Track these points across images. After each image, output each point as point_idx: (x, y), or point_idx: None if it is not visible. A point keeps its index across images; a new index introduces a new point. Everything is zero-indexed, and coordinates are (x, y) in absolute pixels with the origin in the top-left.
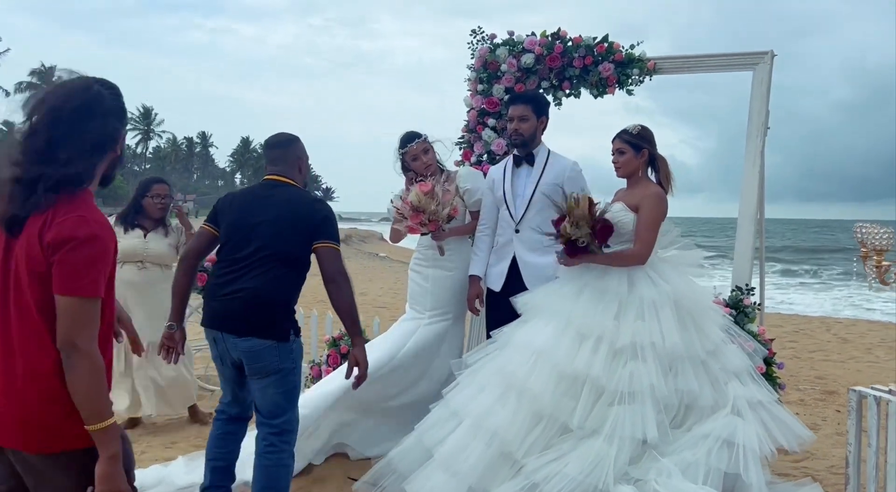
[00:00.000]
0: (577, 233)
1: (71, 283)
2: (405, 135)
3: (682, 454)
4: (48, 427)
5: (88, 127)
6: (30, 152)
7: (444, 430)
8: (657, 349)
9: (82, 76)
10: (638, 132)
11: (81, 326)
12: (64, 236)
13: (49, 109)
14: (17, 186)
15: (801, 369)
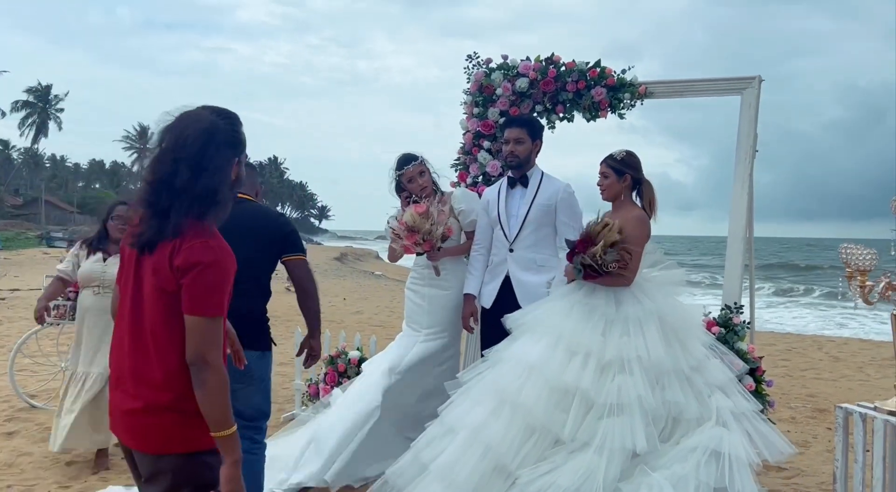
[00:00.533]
0: (608, 259)
1: (199, 304)
2: (401, 157)
3: (673, 468)
4: (164, 431)
5: (208, 157)
6: (158, 181)
7: (440, 446)
8: (643, 363)
9: (201, 108)
10: (622, 158)
11: (209, 342)
12: (192, 261)
13: (173, 141)
14: (151, 213)
15: (793, 387)
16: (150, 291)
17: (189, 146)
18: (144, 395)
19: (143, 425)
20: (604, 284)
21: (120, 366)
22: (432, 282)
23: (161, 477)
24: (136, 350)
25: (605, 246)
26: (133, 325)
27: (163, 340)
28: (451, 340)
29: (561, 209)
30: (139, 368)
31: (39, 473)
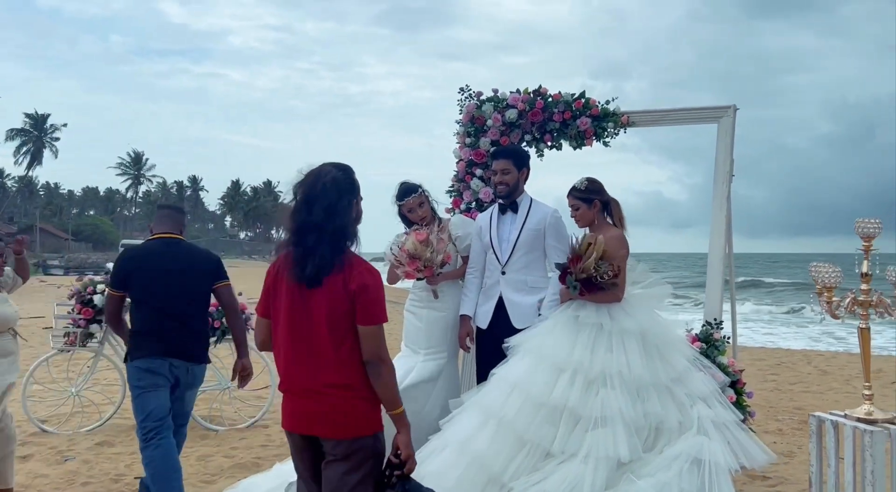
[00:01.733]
0: (602, 269)
1: (372, 316)
2: (401, 188)
3: (657, 476)
4: (358, 420)
5: (338, 203)
6: (302, 226)
7: (431, 459)
8: (624, 378)
9: (323, 164)
10: (585, 187)
11: (381, 343)
12: (363, 284)
13: (307, 192)
14: (304, 253)
15: (781, 400)
16: (322, 313)
17: (322, 195)
18: (337, 394)
19: (340, 417)
20: (598, 300)
21: (304, 378)
22: (430, 304)
23: (354, 455)
24: (318, 363)
25: (597, 259)
26: (309, 342)
27: (342, 350)
28: (448, 360)
29: (549, 233)
30: (326, 376)
31: None
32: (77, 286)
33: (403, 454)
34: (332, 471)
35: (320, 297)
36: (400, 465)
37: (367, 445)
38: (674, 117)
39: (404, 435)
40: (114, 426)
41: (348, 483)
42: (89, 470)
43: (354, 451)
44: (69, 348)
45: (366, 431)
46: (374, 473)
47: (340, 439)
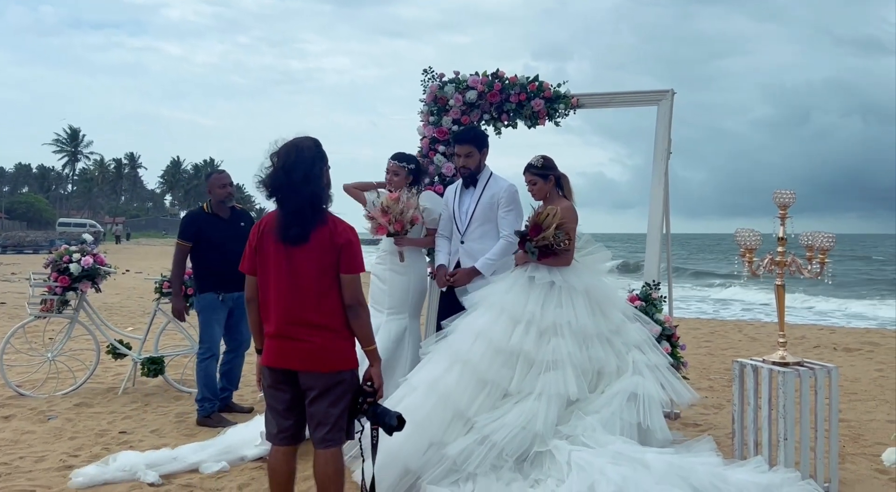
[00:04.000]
0: (558, 239)
1: (354, 266)
2: (398, 152)
3: (601, 412)
4: (340, 355)
5: (312, 170)
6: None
7: (407, 402)
8: (572, 328)
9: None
10: (541, 164)
11: (359, 290)
12: (349, 239)
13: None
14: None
15: (713, 363)
16: (308, 266)
17: (297, 163)
18: (321, 334)
19: (324, 354)
20: (553, 264)
21: (290, 320)
22: (393, 268)
23: (335, 389)
24: (305, 307)
25: (556, 228)
26: (296, 292)
27: (327, 296)
28: (410, 320)
29: (500, 205)
30: (312, 318)
31: (46, 447)
32: (53, 255)
33: (375, 383)
34: (316, 406)
35: (307, 252)
36: (372, 393)
37: (346, 379)
38: (619, 100)
39: (376, 368)
40: (89, 389)
41: (332, 415)
42: (73, 427)
43: (335, 384)
44: (45, 315)
45: (344, 366)
46: (349, 403)
47: (322, 372)
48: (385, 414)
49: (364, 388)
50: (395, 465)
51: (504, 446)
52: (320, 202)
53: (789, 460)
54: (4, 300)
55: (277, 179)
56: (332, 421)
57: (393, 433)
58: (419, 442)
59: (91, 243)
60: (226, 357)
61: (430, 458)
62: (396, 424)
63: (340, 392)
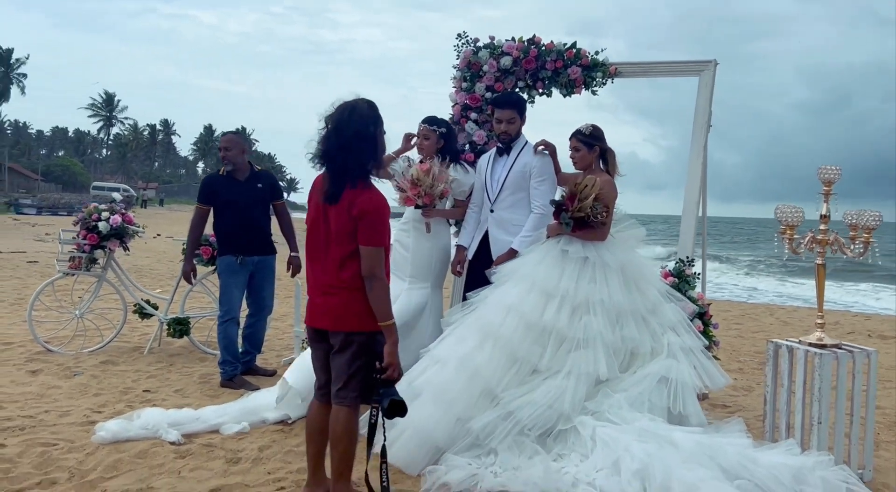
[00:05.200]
0: (595, 211)
1: (371, 239)
2: (430, 116)
3: (629, 391)
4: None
5: (366, 130)
6: (333, 151)
7: (429, 374)
8: (605, 305)
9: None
10: (590, 132)
11: (377, 263)
12: (364, 209)
13: (336, 121)
14: (332, 175)
15: (744, 345)
16: (335, 229)
17: (350, 122)
18: (341, 294)
19: (341, 313)
20: (586, 237)
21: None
22: (417, 236)
23: (350, 347)
24: (330, 266)
25: (594, 199)
26: (328, 252)
27: (347, 260)
28: (432, 290)
29: (533, 174)
30: (334, 278)
31: (71, 402)
32: (83, 213)
33: (386, 362)
34: (336, 361)
35: (334, 212)
36: (383, 370)
37: (362, 341)
38: (659, 70)
39: (390, 345)
40: (115, 348)
41: (346, 372)
42: (98, 383)
43: (350, 343)
44: (73, 272)
45: (360, 327)
46: (365, 369)
47: (338, 331)
48: (387, 394)
49: (376, 364)
50: (428, 445)
51: (528, 423)
52: (367, 164)
53: (822, 445)
54: (37, 259)
55: (328, 139)
56: (344, 380)
57: (391, 417)
58: (450, 421)
59: (119, 202)
60: (248, 321)
61: (457, 433)
62: (388, 408)
63: (354, 352)
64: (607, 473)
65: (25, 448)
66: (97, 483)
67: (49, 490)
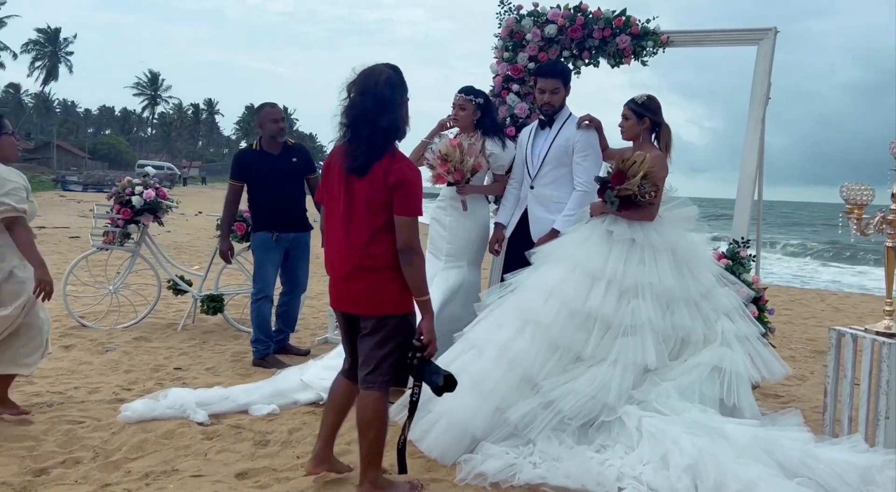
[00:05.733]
0: (644, 190)
1: (408, 208)
2: (464, 85)
3: (678, 380)
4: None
5: (391, 98)
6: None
7: (464, 360)
8: (655, 290)
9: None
10: (643, 102)
11: (414, 234)
12: (401, 179)
13: (362, 89)
14: (356, 144)
15: (794, 332)
16: (362, 201)
17: (375, 90)
18: (370, 276)
19: (371, 296)
20: (633, 217)
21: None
22: (454, 214)
23: (381, 331)
24: (355, 248)
25: (642, 177)
26: (353, 227)
27: (381, 236)
28: (469, 270)
29: (576, 149)
30: (360, 260)
31: (101, 378)
32: (116, 187)
33: (425, 338)
34: (364, 344)
35: (363, 185)
36: (422, 348)
37: (393, 323)
38: (714, 38)
39: (428, 321)
40: (149, 324)
41: (376, 356)
42: (130, 360)
43: (381, 327)
44: (107, 247)
45: (392, 310)
46: (398, 351)
47: (369, 315)
48: (433, 372)
49: (413, 342)
50: (466, 437)
51: (569, 414)
52: (394, 134)
53: (889, 441)
54: (79, 235)
55: (353, 107)
56: (375, 363)
57: (442, 393)
58: (488, 412)
59: (153, 177)
60: (282, 299)
61: (495, 423)
62: (443, 383)
63: (386, 335)
64: (655, 467)
65: (52, 426)
66: (121, 464)
67: (73, 470)
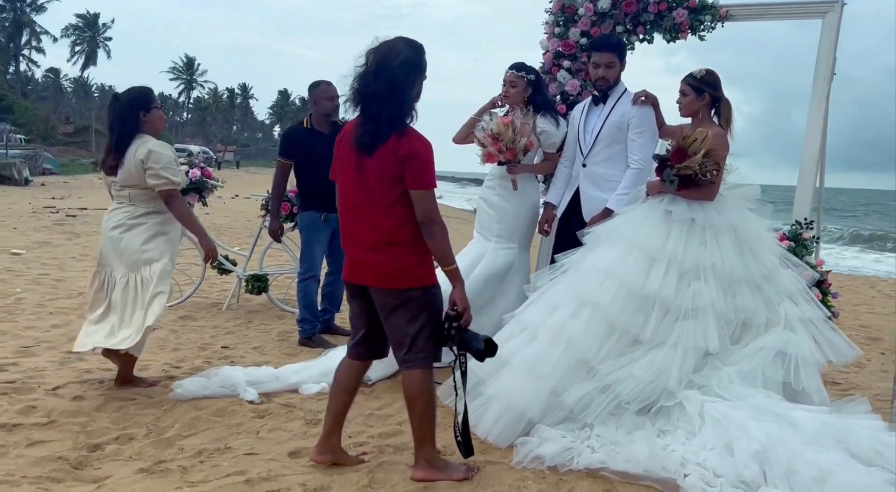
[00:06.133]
0: (705, 168)
1: (422, 181)
2: (515, 62)
3: (741, 365)
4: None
5: (405, 80)
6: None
7: (517, 342)
8: (717, 271)
9: (396, 39)
10: (702, 77)
11: (432, 206)
12: (413, 151)
13: (376, 64)
14: (365, 120)
15: (846, 318)
16: (377, 175)
17: (390, 70)
18: (388, 250)
19: (391, 270)
20: (692, 197)
21: (366, 235)
22: (503, 193)
23: (406, 306)
24: (370, 223)
25: (704, 155)
26: (369, 204)
27: (392, 211)
28: (519, 251)
29: (631, 126)
30: (377, 235)
31: (150, 356)
32: None
33: (460, 307)
34: (391, 322)
35: (373, 162)
36: (457, 317)
37: (417, 296)
38: (776, 12)
39: (459, 290)
40: (194, 303)
41: (408, 333)
42: (177, 338)
43: (405, 301)
44: None
45: (414, 283)
46: (431, 324)
47: (388, 289)
48: (473, 338)
49: (448, 312)
50: (522, 422)
51: (627, 399)
52: (403, 115)
53: None
54: None
55: (366, 83)
56: (409, 342)
57: (484, 359)
58: (544, 395)
59: (198, 155)
60: (328, 279)
61: (550, 406)
62: (484, 348)
63: (414, 310)
64: (719, 453)
65: (104, 402)
66: (174, 440)
67: (126, 445)
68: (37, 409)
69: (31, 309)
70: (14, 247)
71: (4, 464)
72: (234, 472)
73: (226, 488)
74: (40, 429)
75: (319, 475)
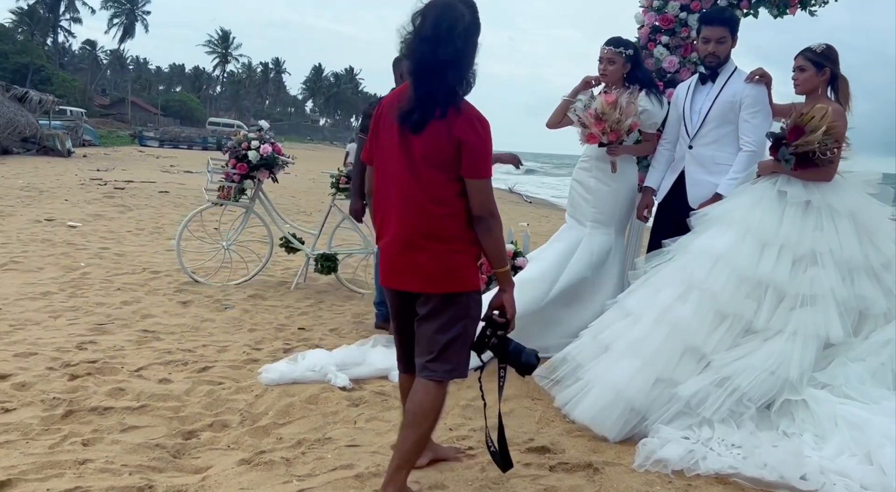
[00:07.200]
0: (826, 146)
1: (478, 169)
2: (612, 37)
3: (868, 361)
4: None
5: (466, 47)
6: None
7: (618, 327)
8: (835, 257)
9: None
10: (822, 51)
11: (491, 198)
12: (465, 134)
13: (431, 28)
14: (417, 95)
15: None
16: (424, 154)
17: (449, 35)
18: (435, 246)
19: (435, 270)
20: (808, 177)
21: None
22: (599, 176)
23: (445, 313)
24: (415, 213)
25: (825, 133)
26: (412, 186)
27: (446, 199)
28: (616, 236)
29: (744, 105)
30: (423, 227)
31: (227, 337)
32: (233, 142)
33: (508, 313)
34: (423, 329)
35: (422, 142)
36: (504, 324)
37: (461, 302)
38: None
39: (509, 294)
40: (260, 282)
41: (439, 341)
42: (251, 318)
43: (446, 307)
44: (222, 202)
45: (460, 287)
46: (467, 335)
47: (432, 293)
48: (520, 351)
49: (494, 318)
50: (620, 402)
51: (747, 392)
52: (460, 91)
53: None
54: (167, 190)
55: (422, 53)
56: (438, 350)
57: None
58: (647, 379)
59: (268, 130)
60: None
61: (657, 396)
62: (536, 363)
63: (452, 317)
64: (860, 461)
65: (192, 386)
66: (270, 429)
67: (222, 433)
68: (125, 391)
69: (98, 284)
70: (70, 219)
71: (102, 450)
72: (340, 466)
73: (336, 484)
74: (132, 413)
75: (432, 473)
